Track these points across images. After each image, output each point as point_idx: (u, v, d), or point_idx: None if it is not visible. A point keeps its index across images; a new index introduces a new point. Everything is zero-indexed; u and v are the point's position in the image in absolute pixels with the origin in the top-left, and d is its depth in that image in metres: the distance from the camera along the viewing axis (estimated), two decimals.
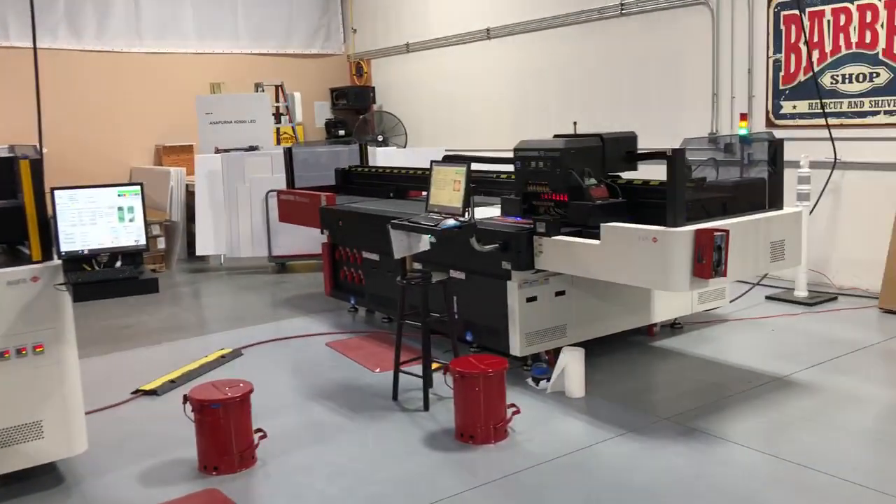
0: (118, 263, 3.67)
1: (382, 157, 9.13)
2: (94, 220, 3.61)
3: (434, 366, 4.66)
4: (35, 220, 3.57)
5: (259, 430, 3.91)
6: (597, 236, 4.36)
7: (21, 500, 3.57)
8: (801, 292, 6.53)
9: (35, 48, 4.46)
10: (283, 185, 7.91)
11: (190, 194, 9.50)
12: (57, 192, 3.56)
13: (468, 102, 10.62)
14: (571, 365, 4.56)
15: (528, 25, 9.54)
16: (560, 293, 4.95)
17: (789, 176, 5.18)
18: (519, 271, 4.74)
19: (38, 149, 3.93)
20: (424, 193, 6.05)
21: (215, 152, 9.23)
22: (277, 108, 10.90)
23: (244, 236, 8.96)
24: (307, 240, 8.17)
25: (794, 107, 7.10)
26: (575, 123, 5.05)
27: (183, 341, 6.33)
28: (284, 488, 3.63)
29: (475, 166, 4.78)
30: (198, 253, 9.25)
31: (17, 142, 8.31)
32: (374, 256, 6.21)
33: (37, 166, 3.58)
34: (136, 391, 4.97)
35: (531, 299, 4.83)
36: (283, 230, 8.51)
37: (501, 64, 10.08)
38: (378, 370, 5.22)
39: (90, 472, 3.82)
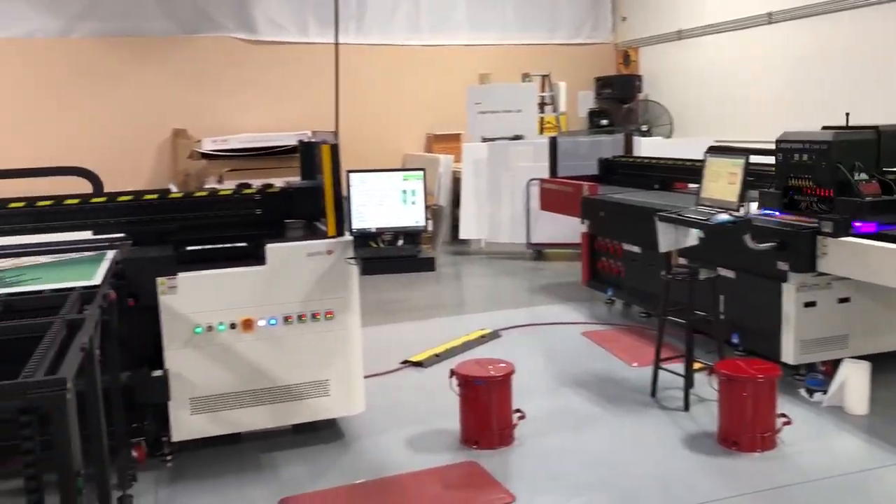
0: (400, 242, 3.96)
1: (647, 147, 8.91)
2: (381, 201, 3.92)
3: (696, 366, 4.50)
4: (332, 199, 3.96)
5: (518, 410, 4.04)
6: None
7: (307, 448, 4.00)
8: None
9: (336, 44, 4.96)
10: (544, 174, 8.02)
11: (456, 181, 9.94)
12: (352, 175, 3.91)
13: (740, 91, 10.02)
14: (853, 378, 4.18)
15: (815, 8, 8.78)
16: (844, 300, 4.54)
17: None
18: (797, 273, 4.41)
19: (336, 135, 4.34)
20: (692, 186, 5.84)
21: (482, 141, 9.57)
22: (542, 98, 11.04)
23: (504, 223, 9.22)
24: (565, 228, 8.22)
25: None
26: (847, 115, 4.63)
27: (445, 318, 6.68)
28: (541, 470, 3.72)
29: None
30: (461, 237, 9.69)
31: (308, 128, 9.25)
32: (636, 249, 6.10)
33: (335, 151, 3.96)
34: (405, 362, 5.33)
35: (809, 304, 4.48)
36: (541, 218, 8.64)
37: (781, 51, 9.38)
38: (636, 364, 5.14)
39: (365, 432, 4.18)
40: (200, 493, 3.57)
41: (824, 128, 4.60)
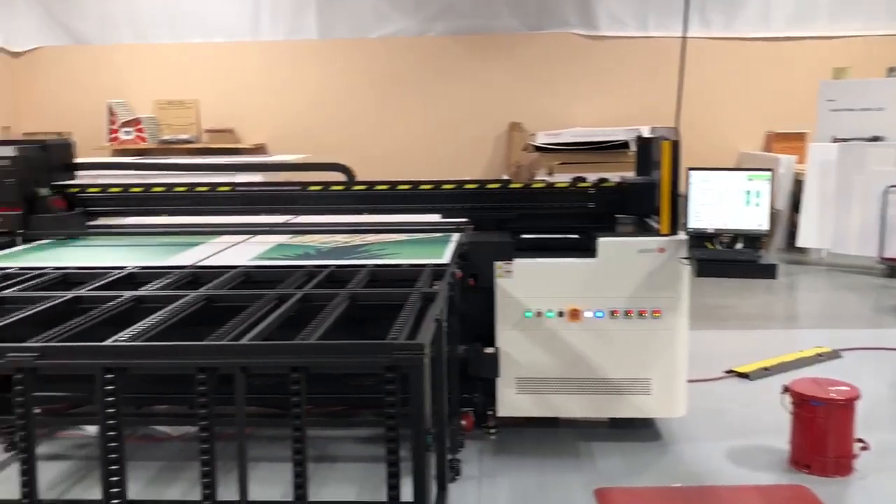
0: (738, 245, 3.79)
1: None
2: (720, 200, 3.78)
3: None
4: (668, 197, 3.89)
5: (860, 440, 3.66)
6: None
7: (624, 444, 4.01)
8: None
9: (684, 38, 4.90)
10: None
11: (797, 183, 9.21)
12: (692, 172, 3.82)
13: None
14: None
15: None
16: None
17: None
18: None
19: (677, 131, 4.25)
20: None
21: (832, 141, 8.74)
22: None
23: (852, 232, 8.34)
24: None
25: None
26: None
27: (776, 331, 6.26)
28: None
29: None
30: (798, 244, 8.95)
31: (640, 124, 9.16)
32: None
33: (676, 148, 3.89)
34: (729, 371, 5.09)
35: None
36: None
37: None
38: None
39: (684, 437, 4.07)
40: (521, 469, 3.75)
41: None
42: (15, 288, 3.16)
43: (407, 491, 2.28)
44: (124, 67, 10.37)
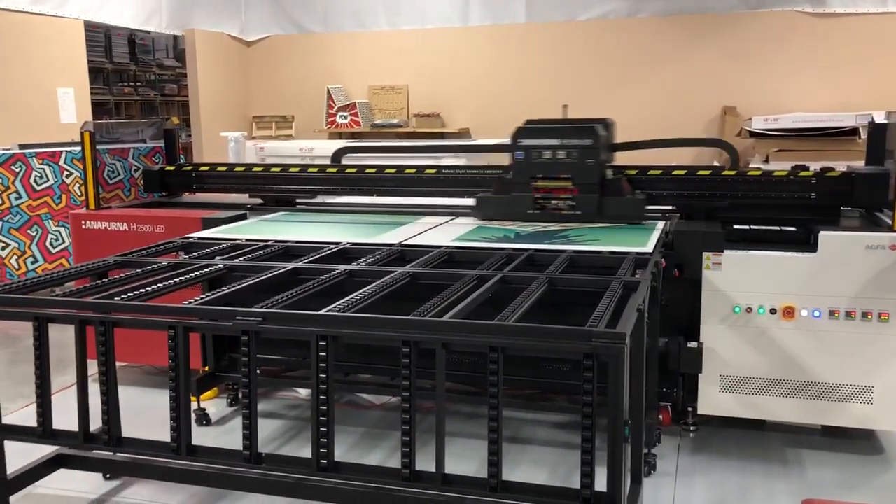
0: None
1: None
2: None
3: None
4: None
5: None
6: None
7: (839, 454, 3.72)
8: None
9: None
10: None
11: None
12: None
13: None
14: None
15: None
16: None
17: None
18: None
19: None
20: None
21: None
22: None
23: None
24: None
25: None
26: None
27: None
28: None
29: None
30: None
31: (873, 108, 8.34)
32: None
33: None
34: None
35: None
36: None
37: None
38: None
39: None
40: (720, 470, 3.58)
41: None
42: (243, 258, 3.46)
43: (600, 481, 2.25)
44: (341, 54, 10.97)
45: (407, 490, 2.43)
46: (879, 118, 4.61)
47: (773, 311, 3.68)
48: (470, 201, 4.49)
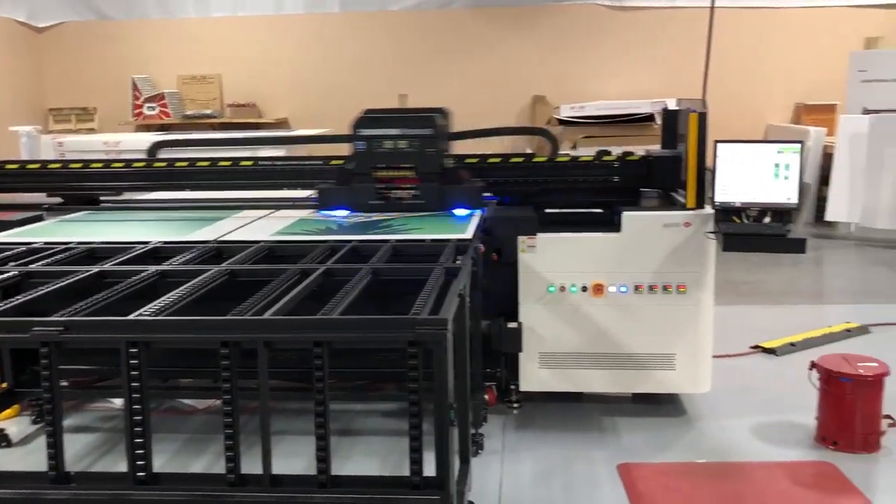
0: (766, 219, 3.72)
1: None
2: (750, 174, 3.71)
3: None
4: (694, 170, 3.83)
5: (889, 416, 3.61)
6: None
7: (648, 419, 3.99)
8: None
9: (712, 7, 4.83)
10: None
11: (827, 156, 9.04)
12: (720, 145, 3.75)
13: None
14: None
15: None
16: None
17: None
18: None
19: (704, 103, 4.18)
20: None
21: (863, 113, 8.55)
22: None
23: (883, 206, 8.18)
24: None
25: None
26: None
27: (801, 306, 6.18)
28: None
29: None
30: (826, 218, 8.81)
31: (666, 96, 9.03)
32: None
33: (703, 120, 3.81)
34: (755, 347, 5.04)
35: None
36: None
37: None
38: None
39: (709, 412, 4.04)
40: (544, 444, 3.75)
41: None
42: (41, 262, 3.19)
43: (430, 465, 2.28)
44: (147, 43, 10.37)
45: (233, 495, 2.34)
46: (672, 105, 5.00)
47: (584, 289, 3.89)
48: (291, 193, 4.40)
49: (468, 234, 3.51)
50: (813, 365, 3.73)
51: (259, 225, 3.97)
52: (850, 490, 3.27)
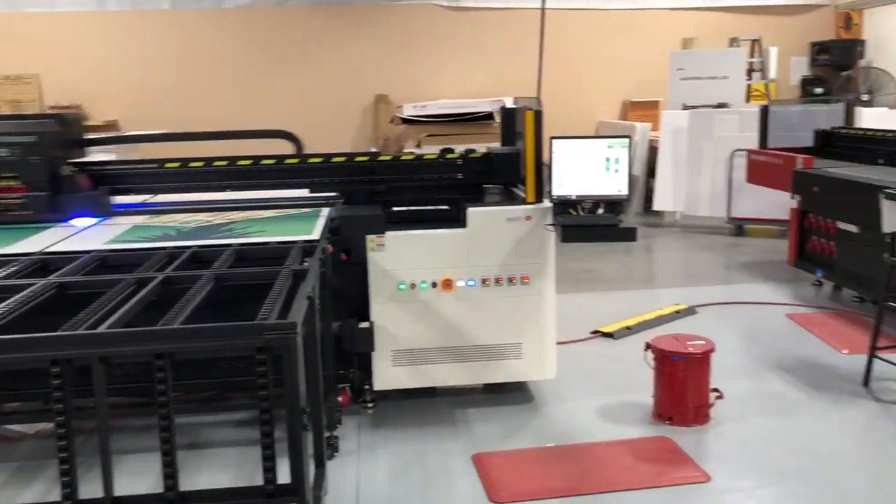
0: (600, 210, 3.92)
1: (869, 118, 8.17)
2: (583, 168, 3.90)
3: None
4: (533, 165, 3.97)
5: (715, 389, 3.90)
6: None
7: (499, 408, 4.10)
8: None
9: (543, 9, 5.03)
10: (749, 145, 7.59)
11: (652, 150, 9.64)
12: (555, 141, 3.91)
13: None
14: None
15: None
16: None
17: None
18: None
19: (539, 101, 4.34)
20: None
21: (683, 109, 9.20)
22: (751, 64, 10.40)
23: (703, 195, 8.85)
24: (770, 203, 7.75)
25: None
26: None
27: (635, 291, 6.55)
28: (738, 452, 3.58)
29: None
30: (654, 208, 9.41)
31: (505, 94, 9.29)
32: (853, 228, 5.64)
33: (539, 117, 3.96)
34: (595, 332, 5.30)
35: None
36: (744, 191, 8.19)
37: None
38: (846, 351, 4.79)
39: (555, 398, 4.21)
40: (400, 440, 3.77)
41: None
42: None
43: (284, 472, 2.24)
44: None
45: None
46: (509, 104, 5.16)
47: (434, 285, 3.95)
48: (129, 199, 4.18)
49: (315, 235, 3.46)
50: (648, 346, 3.97)
51: (89, 233, 3.74)
52: (686, 461, 3.51)
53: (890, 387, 4.17)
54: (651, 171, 9.55)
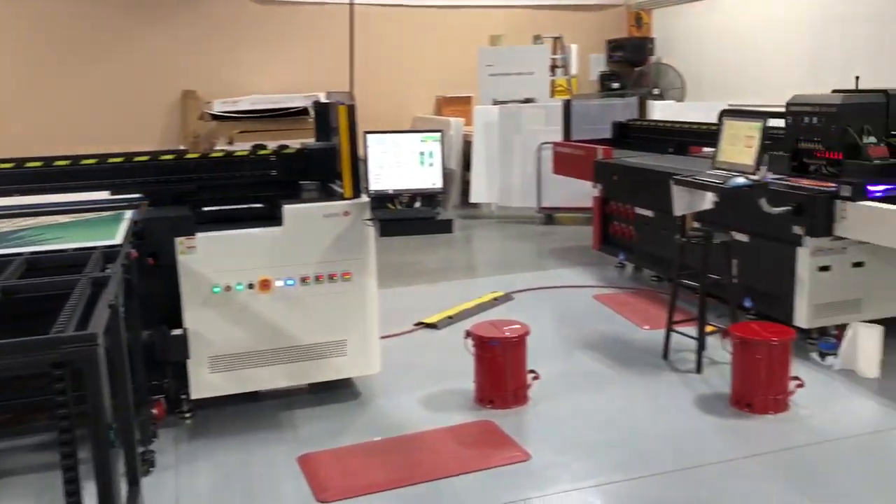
0: (417, 204, 3.97)
1: (660, 111, 8.85)
2: (398, 162, 3.93)
3: (708, 328, 4.53)
4: (348, 161, 3.95)
5: (532, 371, 4.08)
6: None
7: (325, 407, 4.06)
8: None
9: (351, 4, 5.01)
10: (555, 138, 7.99)
11: (467, 144, 9.91)
12: (369, 136, 3.91)
13: (756, 54, 9.92)
14: (865, 342, 4.20)
15: None
16: (858, 264, 4.55)
17: None
18: (812, 238, 4.41)
19: (351, 95, 4.32)
20: (707, 149, 5.82)
21: (493, 104, 9.51)
22: (554, 60, 10.94)
23: (515, 186, 9.21)
24: (576, 193, 8.21)
25: None
26: (857, 78, 4.68)
27: (457, 281, 6.71)
28: (555, 429, 3.77)
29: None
30: (471, 200, 9.68)
31: (320, 89, 9.20)
32: (648, 213, 6.10)
33: (352, 112, 3.95)
34: (418, 323, 5.37)
35: (824, 268, 4.49)
36: (553, 182, 8.61)
37: (801, 13, 9.27)
38: (647, 327, 5.17)
39: (381, 392, 4.22)
40: (221, 450, 3.63)
41: (834, 91, 4.66)
42: None
43: (91, 494, 2.08)
44: None
45: None
46: (323, 99, 5.10)
47: (251, 286, 3.83)
48: None
49: (117, 239, 3.24)
50: (467, 333, 4.08)
51: None
52: (507, 442, 3.64)
53: (686, 357, 4.54)
54: (467, 165, 9.81)
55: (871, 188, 4.20)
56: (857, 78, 4.70)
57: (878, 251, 4.49)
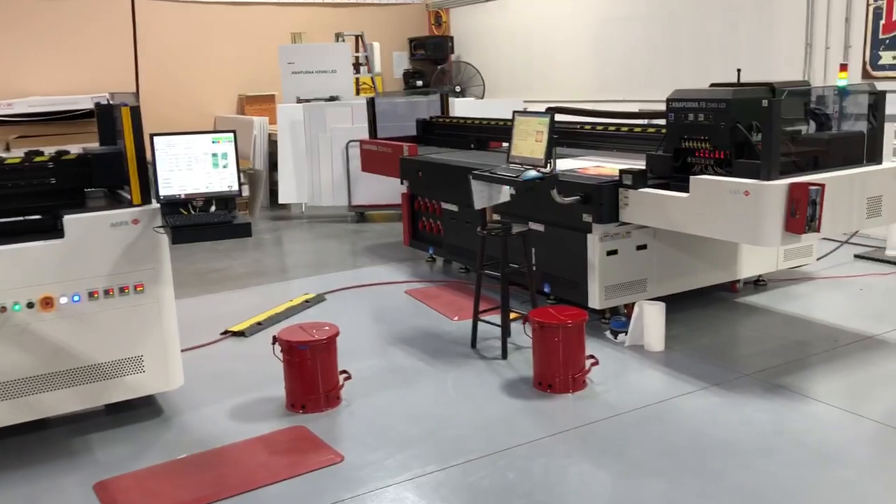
0: (212, 208, 3.81)
1: (461, 108, 9.10)
2: (189, 165, 3.75)
3: (512, 316, 4.72)
4: (135, 165, 3.73)
5: (344, 371, 4.05)
6: (686, 189, 4.30)
7: (125, 429, 3.81)
8: (893, 251, 6.30)
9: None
10: (362, 136, 8.00)
11: (273, 143, 9.69)
12: (156, 139, 3.71)
13: (548, 52, 10.46)
14: (650, 318, 4.55)
15: None
16: (642, 247, 4.92)
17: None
18: (600, 224, 4.71)
19: (136, 96, 4.08)
20: (505, 144, 6.06)
21: (297, 102, 9.36)
22: (357, 58, 10.94)
23: (325, 185, 9.13)
24: (386, 190, 8.28)
25: (895, 57, 6.77)
26: (739, 71, 4.63)
27: (267, 286, 6.55)
28: (368, 428, 3.76)
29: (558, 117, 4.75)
30: (280, 201, 9.48)
31: (107, 90, 8.63)
32: (453, 207, 6.25)
33: (136, 113, 3.72)
34: (225, 332, 5.18)
35: (611, 253, 4.81)
36: (362, 180, 8.63)
37: (584, 13, 9.87)
38: (456, 318, 5.30)
39: (186, 406, 4.03)
40: (5, 486, 3.31)
41: (713, 85, 4.55)
42: None
43: None
44: None
45: None
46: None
47: (30, 305, 3.52)
48: None
49: None
50: (275, 339, 3.98)
51: None
52: (320, 446, 3.59)
53: (492, 344, 4.70)
54: (274, 165, 9.60)
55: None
56: (739, 71, 4.60)
57: (657, 234, 4.88)
